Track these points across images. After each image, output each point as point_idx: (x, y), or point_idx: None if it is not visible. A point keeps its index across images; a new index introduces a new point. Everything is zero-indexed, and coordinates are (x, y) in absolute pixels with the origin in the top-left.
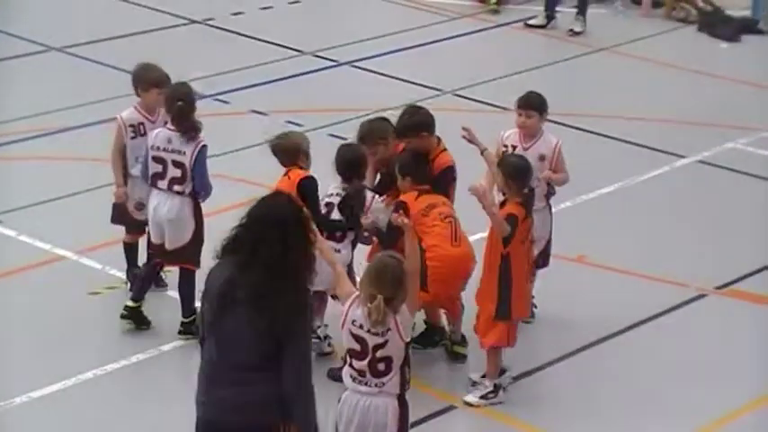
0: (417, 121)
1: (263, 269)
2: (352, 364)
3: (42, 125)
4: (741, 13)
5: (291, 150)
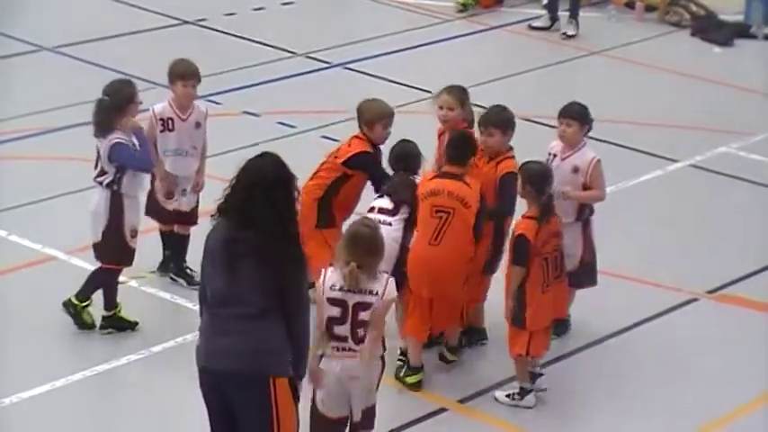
0: (504, 117)
1: (257, 227)
2: (333, 333)
3: (33, 125)
4: (734, 17)
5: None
